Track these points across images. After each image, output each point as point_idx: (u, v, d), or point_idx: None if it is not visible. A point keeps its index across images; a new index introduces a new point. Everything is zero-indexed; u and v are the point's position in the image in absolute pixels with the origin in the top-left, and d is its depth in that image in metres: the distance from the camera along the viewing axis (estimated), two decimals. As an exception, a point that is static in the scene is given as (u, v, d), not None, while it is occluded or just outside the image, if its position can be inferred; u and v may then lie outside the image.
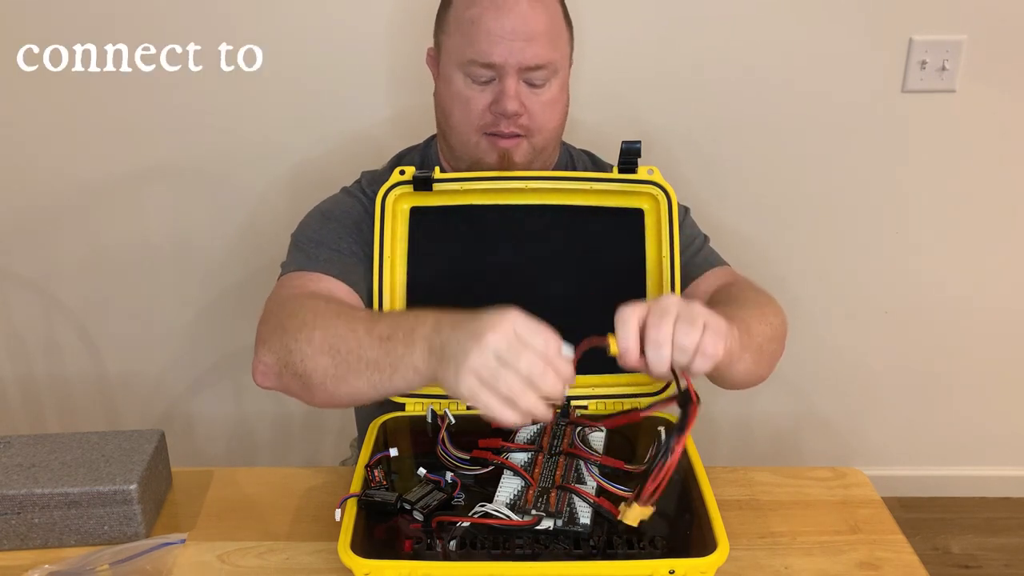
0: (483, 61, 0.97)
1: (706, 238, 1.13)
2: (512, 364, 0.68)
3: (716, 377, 0.88)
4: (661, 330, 0.72)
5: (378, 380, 0.79)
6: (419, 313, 0.79)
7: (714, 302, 0.99)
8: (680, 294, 1.04)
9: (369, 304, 0.99)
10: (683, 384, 0.73)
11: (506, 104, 0.97)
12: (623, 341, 0.74)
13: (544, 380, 0.69)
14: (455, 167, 1.07)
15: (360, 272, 1.01)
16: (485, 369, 0.68)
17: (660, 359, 0.73)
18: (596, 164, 1.18)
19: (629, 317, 0.74)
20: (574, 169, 1.14)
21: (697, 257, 1.09)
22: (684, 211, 1.13)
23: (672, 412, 0.95)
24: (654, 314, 0.73)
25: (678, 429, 0.72)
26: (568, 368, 0.71)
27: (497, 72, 0.98)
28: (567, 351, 0.72)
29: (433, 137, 1.15)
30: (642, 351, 0.74)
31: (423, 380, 0.76)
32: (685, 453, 0.88)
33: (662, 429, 0.89)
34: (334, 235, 1.03)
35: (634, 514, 0.73)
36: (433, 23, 1.07)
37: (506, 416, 0.69)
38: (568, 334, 0.97)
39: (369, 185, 1.10)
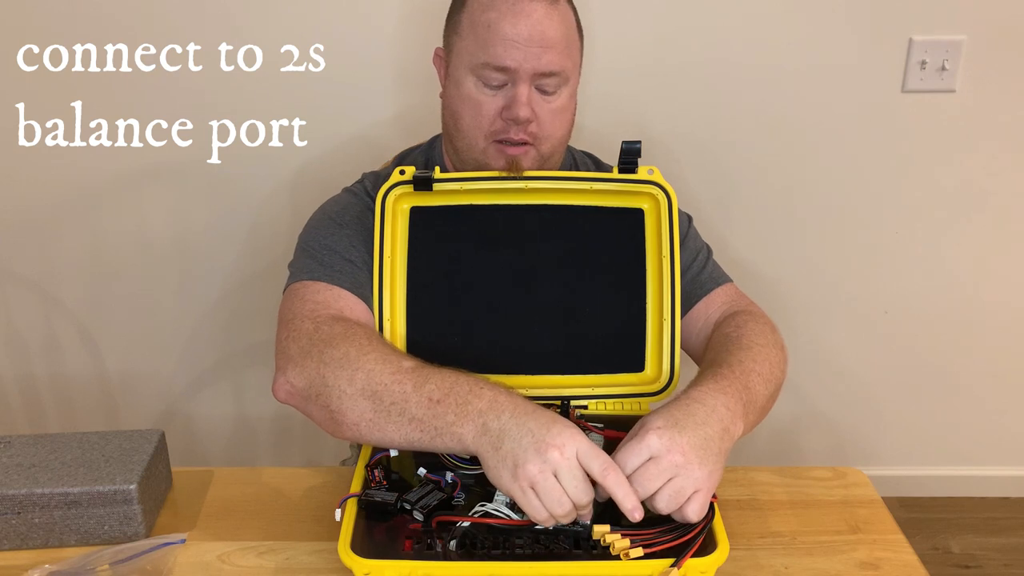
0: (498, 64, 0.97)
1: (709, 250, 1.13)
2: (565, 484, 0.73)
3: None
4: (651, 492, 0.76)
5: (417, 438, 0.81)
6: (473, 382, 0.81)
7: (722, 341, 0.98)
8: (686, 312, 1.06)
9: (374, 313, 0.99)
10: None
11: (518, 110, 0.97)
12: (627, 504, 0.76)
13: (585, 509, 0.75)
14: (460, 169, 1.07)
15: (370, 280, 1.00)
16: (541, 479, 0.73)
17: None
18: (599, 166, 1.18)
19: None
20: (576, 171, 1.14)
21: (702, 275, 1.09)
22: (687, 220, 1.13)
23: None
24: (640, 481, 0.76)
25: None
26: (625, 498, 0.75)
27: (510, 77, 0.98)
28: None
29: (438, 137, 1.15)
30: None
31: (465, 451, 0.79)
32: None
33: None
34: (346, 243, 1.02)
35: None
36: (438, 23, 1.07)
37: (541, 518, 0.74)
38: (568, 334, 0.98)
39: (374, 186, 1.10)
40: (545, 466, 0.73)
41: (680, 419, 0.78)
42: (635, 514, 0.74)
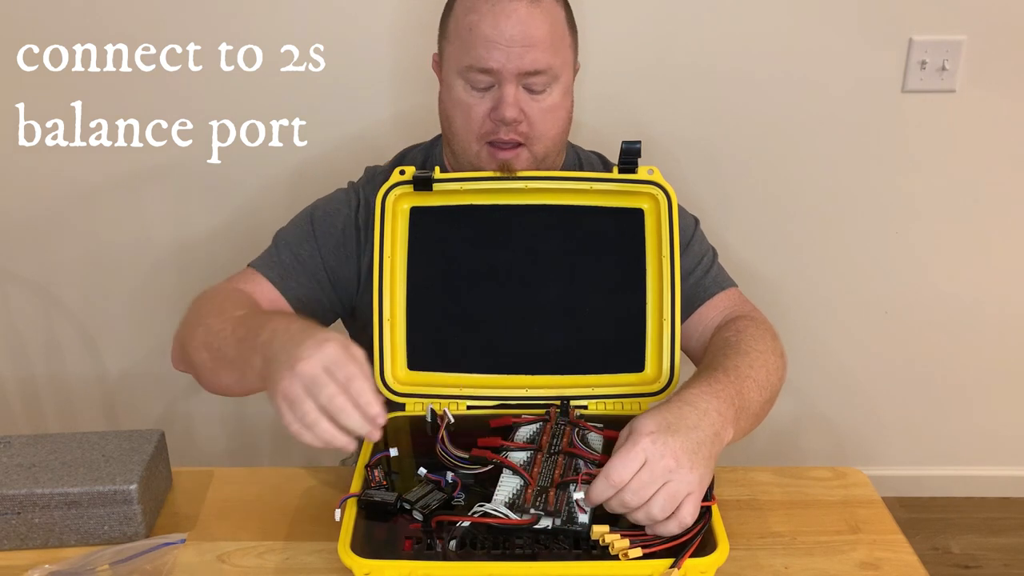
0: (481, 67, 0.97)
1: (715, 254, 1.13)
2: (314, 396, 0.72)
3: None
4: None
5: (239, 377, 0.86)
6: (268, 317, 0.85)
7: (720, 346, 0.98)
8: (689, 316, 1.06)
9: (302, 309, 1.04)
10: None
11: (504, 111, 0.97)
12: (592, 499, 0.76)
13: (343, 415, 0.72)
14: (458, 170, 1.07)
15: (309, 279, 1.05)
16: (292, 394, 0.73)
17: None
18: (607, 166, 1.17)
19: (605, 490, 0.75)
20: (582, 171, 1.14)
21: (706, 278, 1.09)
22: (694, 222, 1.13)
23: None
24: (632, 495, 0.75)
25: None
26: (376, 407, 0.73)
27: (496, 78, 0.98)
28: (578, 495, 0.77)
29: (440, 136, 1.15)
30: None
31: (265, 384, 0.80)
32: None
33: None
34: (300, 238, 1.07)
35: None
36: (437, 23, 1.07)
37: (304, 438, 0.74)
38: (568, 334, 0.98)
39: (368, 183, 1.10)
40: (294, 379, 0.72)
41: (672, 422, 0.77)
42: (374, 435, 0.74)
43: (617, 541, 0.74)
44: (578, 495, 0.78)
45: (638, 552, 0.73)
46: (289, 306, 1.03)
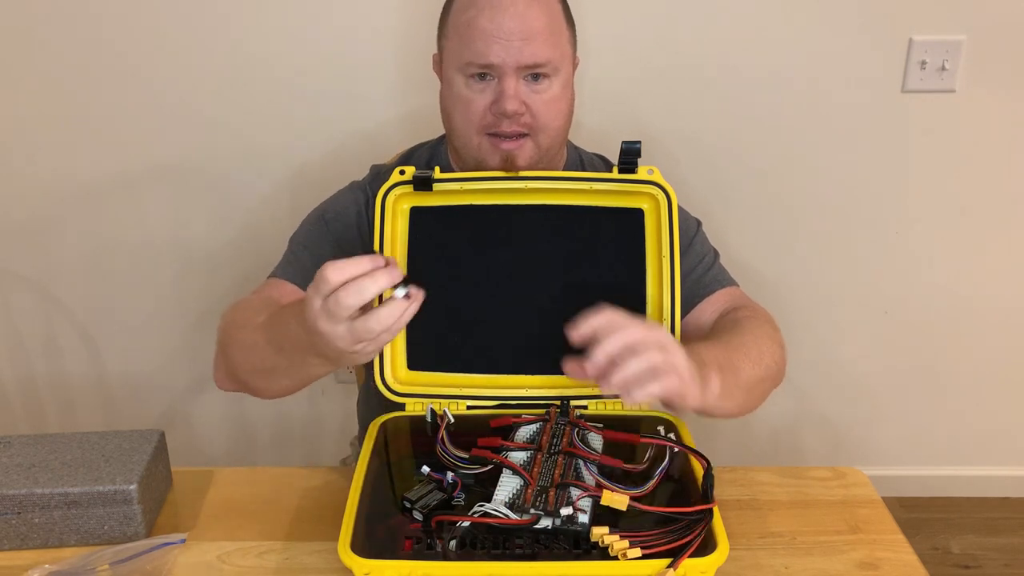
0: (480, 62, 0.97)
1: (716, 254, 1.13)
2: (339, 307, 0.72)
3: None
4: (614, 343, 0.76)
5: (301, 378, 0.90)
6: (284, 315, 0.85)
7: (716, 329, 1.00)
8: (689, 312, 1.06)
9: None
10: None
11: (505, 104, 0.97)
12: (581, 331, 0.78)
13: (364, 294, 0.72)
14: (462, 168, 1.08)
15: None
16: (340, 337, 0.74)
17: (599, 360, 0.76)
18: (608, 168, 1.17)
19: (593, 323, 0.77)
20: (583, 172, 1.14)
21: (707, 276, 1.09)
22: (696, 224, 1.13)
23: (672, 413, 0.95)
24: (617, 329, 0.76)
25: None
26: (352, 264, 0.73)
27: (495, 73, 0.98)
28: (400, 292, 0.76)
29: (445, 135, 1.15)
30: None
31: (330, 365, 0.83)
32: (685, 455, 0.87)
33: (661, 428, 0.89)
34: (318, 239, 1.07)
35: None
36: (437, 22, 1.07)
37: (385, 339, 0.75)
38: (566, 334, 0.98)
39: (373, 181, 1.11)
40: (324, 307, 0.73)
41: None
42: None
43: (616, 542, 0.74)
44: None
45: (637, 552, 0.73)
46: None
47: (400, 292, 0.75)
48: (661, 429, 0.89)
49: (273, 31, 1.54)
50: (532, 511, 0.77)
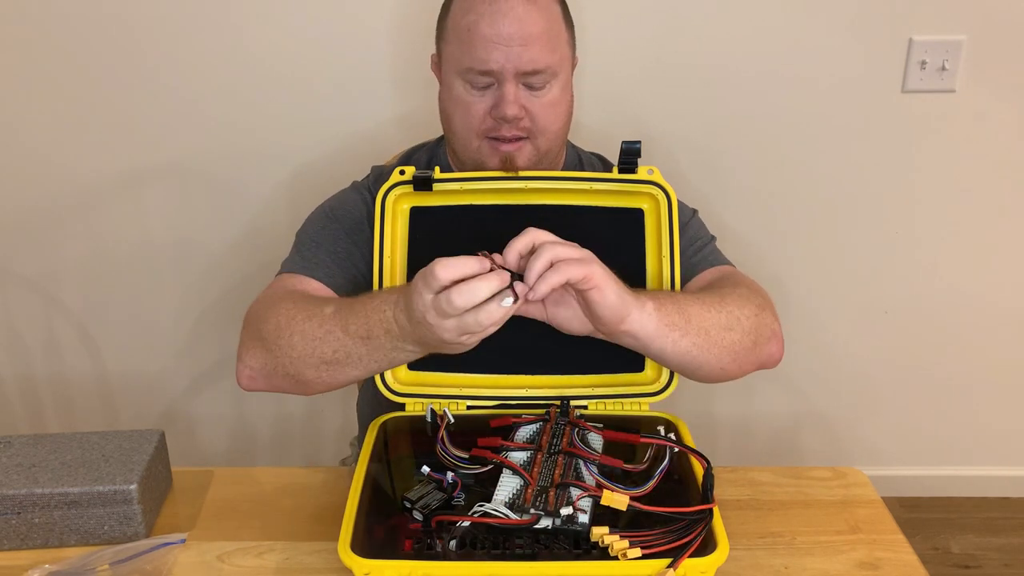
0: (481, 68, 0.97)
1: (712, 238, 1.13)
2: (453, 300, 0.74)
3: (658, 359, 0.92)
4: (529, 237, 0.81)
5: (376, 367, 0.88)
6: (373, 303, 0.85)
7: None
8: (679, 289, 1.04)
9: None
10: None
11: (505, 109, 0.97)
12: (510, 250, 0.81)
13: (477, 294, 0.75)
14: (461, 170, 1.08)
15: (353, 273, 1.03)
16: (451, 330, 0.76)
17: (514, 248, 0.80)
18: (607, 168, 1.18)
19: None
20: (582, 171, 1.14)
21: (698, 256, 1.08)
22: (691, 212, 1.13)
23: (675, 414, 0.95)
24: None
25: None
26: (461, 262, 0.76)
27: (495, 78, 0.98)
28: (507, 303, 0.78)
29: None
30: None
31: (424, 351, 0.85)
32: (685, 455, 0.88)
33: (661, 428, 0.89)
34: (332, 237, 1.05)
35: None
36: (435, 23, 1.07)
37: (488, 331, 0.77)
38: (566, 334, 0.98)
39: (375, 182, 1.10)
40: (434, 302, 0.75)
41: None
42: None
43: (616, 542, 0.74)
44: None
45: (637, 552, 0.73)
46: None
47: (508, 302, 0.76)
48: (661, 429, 0.89)
49: (273, 32, 1.54)
50: (532, 511, 0.77)
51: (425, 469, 0.84)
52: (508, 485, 0.81)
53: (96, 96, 1.58)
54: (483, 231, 0.99)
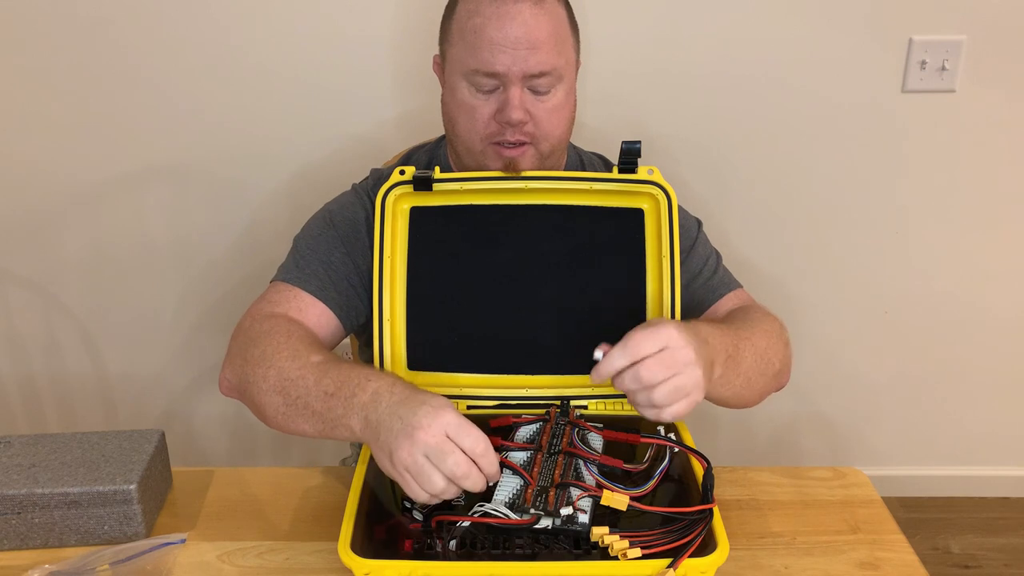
0: (487, 71, 0.97)
1: (718, 256, 1.14)
2: (439, 465, 0.74)
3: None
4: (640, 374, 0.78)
5: (321, 429, 0.84)
6: (363, 375, 0.82)
7: (727, 319, 1.01)
8: (700, 317, 1.07)
9: (344, 317, 1.02)
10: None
11: (510, 113, 0.97)
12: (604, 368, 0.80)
13: (467, 480, 0.74)
14: (462, 170, 1.07)
15: (345, 285, 1.03)
16: (414, 466, 0.74)
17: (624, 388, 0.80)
18: (608, 168, 1.18)
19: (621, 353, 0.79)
20: (583, 171, 1.14)
21: (713, 279, 1.10)
22: (696, 225, 1.13)
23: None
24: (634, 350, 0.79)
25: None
26: (494, 465, 0.76)
27: (501, 81, 0.98)
28: (598, 354, 0.81)
29: (445, 137, 1.15)
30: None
31: (360, 440, 0.81)
32: (685, 455, 0.88)
33: (661, 428, 0.89)
34: (328, 245, 1.04)
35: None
36: (437, 24, 1.07)
37: (423, 499, 0.76)
38: (567, 334, 0.98)
39: (374, 186, 1.10)
40: (414, 448, 0.74)
41: (692, 327, 0.82)
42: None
43: (616, 542, 0.74)
44: (597, 354, 0.80)
45: (637, 552, 0.73)
46: (336, 320, 1.01)
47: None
48: (661, 429, 0.89)
49: (272, 33, 1.54)
50: (532, 511, 0.77)
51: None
52: (508, 485, 0.81)
53: (96, 96, 1.58)
54: (483, 231, 0.99)
